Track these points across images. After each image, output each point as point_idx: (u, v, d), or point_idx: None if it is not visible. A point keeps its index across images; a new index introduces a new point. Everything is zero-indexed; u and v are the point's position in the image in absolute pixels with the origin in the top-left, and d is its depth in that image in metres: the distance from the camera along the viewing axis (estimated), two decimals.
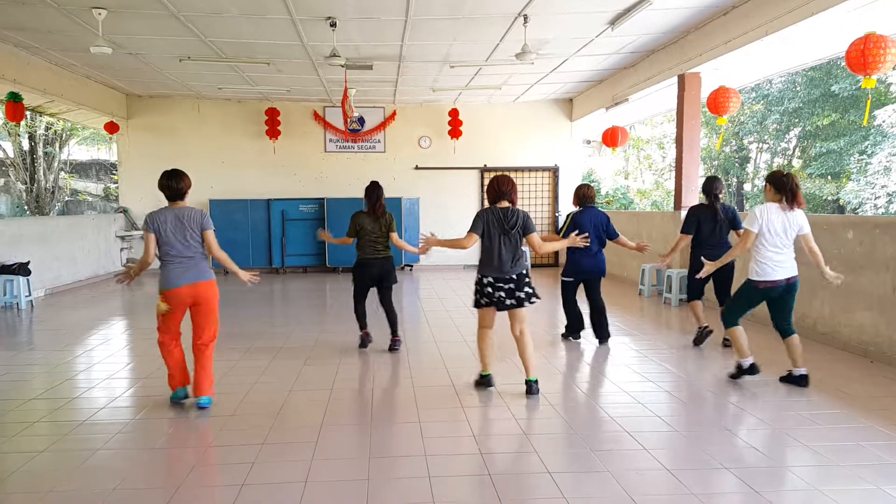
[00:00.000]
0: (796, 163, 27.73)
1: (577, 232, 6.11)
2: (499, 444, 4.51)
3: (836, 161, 24.27)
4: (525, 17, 8.81)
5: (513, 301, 5.41)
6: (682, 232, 7.23)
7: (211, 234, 5.20)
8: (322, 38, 9.73)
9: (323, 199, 15.09)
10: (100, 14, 8.35)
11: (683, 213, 10.45)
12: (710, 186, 7.16)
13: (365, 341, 7.36)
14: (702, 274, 6.15)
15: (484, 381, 5.73)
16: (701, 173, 11.21)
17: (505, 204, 5.47)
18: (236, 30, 9.42)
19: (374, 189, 7.06)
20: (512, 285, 5.39)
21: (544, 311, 9.39)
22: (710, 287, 7.34)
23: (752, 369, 5.75)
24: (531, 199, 16.35)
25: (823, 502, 3.56)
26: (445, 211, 15.66)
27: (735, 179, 29.51)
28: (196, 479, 3.93)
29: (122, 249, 15.00)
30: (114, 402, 5.46)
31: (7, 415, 5.17)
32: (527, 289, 5.43)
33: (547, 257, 16.26)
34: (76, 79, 12.67)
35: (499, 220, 5.38)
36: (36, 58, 11.12)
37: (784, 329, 5.71)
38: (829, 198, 24.78)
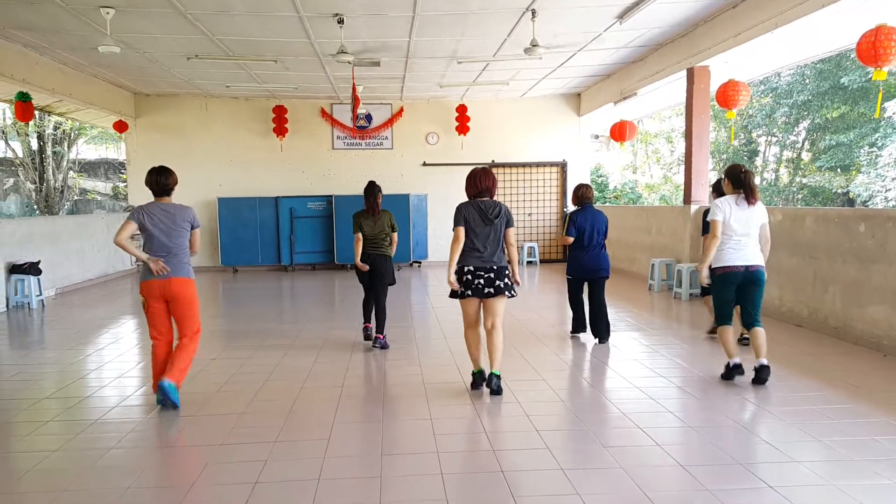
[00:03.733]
0: (805, 155, 27.57)
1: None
2: (511, 440, 4.50)
3: (846, 153, 24.09)
4: (533, 12, 8.78)
5: (491, 290, 5.38)
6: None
7: (198, 232, 5.39)
8: (330, 34, 9.72)
9: (331, 196, 15.11)
10: (108, 13, 8.37)
11: (694, 208, 10.45)
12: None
13: (367, 334, 7.44)
14: (704, 280, 5.84)
15: (476, 378, 5.61)
16: (710, 167, 11.15)
17: (486, 198, 5.51)
18: (244, 28, 9.43)
19: (371, 189, 7.15)
20: (492, 275, 5.38)
21: (555, 308, 9.37)
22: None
23: (736, 370, 5.69)
24: (539, 195, 16.33)
25: (838, 497, 3.54)
26: (453, 207, 15.59)
27: None
28: (209, 477, 3.93)
29: None
30: (126, 401, 5.49)
31: (20, 414, 5.21)
32: (507, 280, 5.43)
33: (558, 253, 16.26)
34: (84, 78, 12.71)
35: (480, 212, 5.42)
36: (44, 58, 11.16)
37: (748, 322, 5.69)
38: (839, 191, 24.61)
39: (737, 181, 5.64)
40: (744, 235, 5.58)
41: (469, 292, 5.41)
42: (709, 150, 10.80)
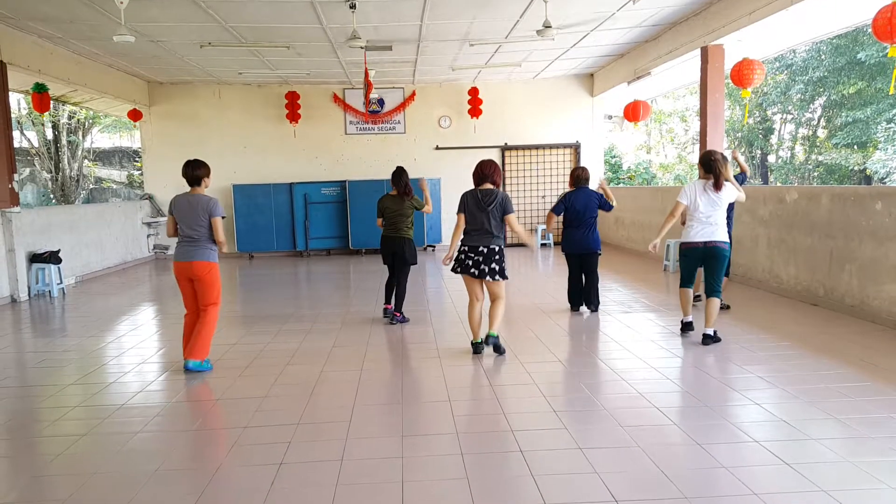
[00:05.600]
0: (821, 133, 27.30)
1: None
2: (529, 421, 4.55)
3: (863, 130, 23.80)
4: None
5: (475, 271, 5.95)
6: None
7: (217, 221, 5.77)
8: (342, 20, 9.73)
9: (345, 181, 15.16)
10: (122, 3, 8.37)
11: None
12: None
13: (386, 313, 7.77)
14: (652, 248, 6.73)
15: (474, 349, 6.19)
16: (725, 146, 11.09)
17: (487, 186, 6.01)
18: (257, 15, 9.46)
19: (400, 175, 7.53)
20: (480, 258, 5.94)
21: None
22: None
23: (687, 326, 6.59)
24: (552, 177, 16.29)
25: (855, 474, 3.58)
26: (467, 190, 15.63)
27: (759, 151, 29.13)
28: (235, 459, 4.02)
29: (148, 236, 15.21)
30: (149, 387, 5.58)
31: (46, 400, 5.32)
32: (494, 265, 5.94)
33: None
34: (99, 67, 12.80)
35: (476, 200, 5.97)
36: (59, 48, 11.25)
37: (708, 291, 6.38)
38: (856, 168, 24.35)
39: (707, 166, 6.27)
40: (709, 216, 6.23)
41: (459, 269, 6.05)
42: (724, 128, 10.74)
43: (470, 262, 5.96)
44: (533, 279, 7.68)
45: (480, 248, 5.94)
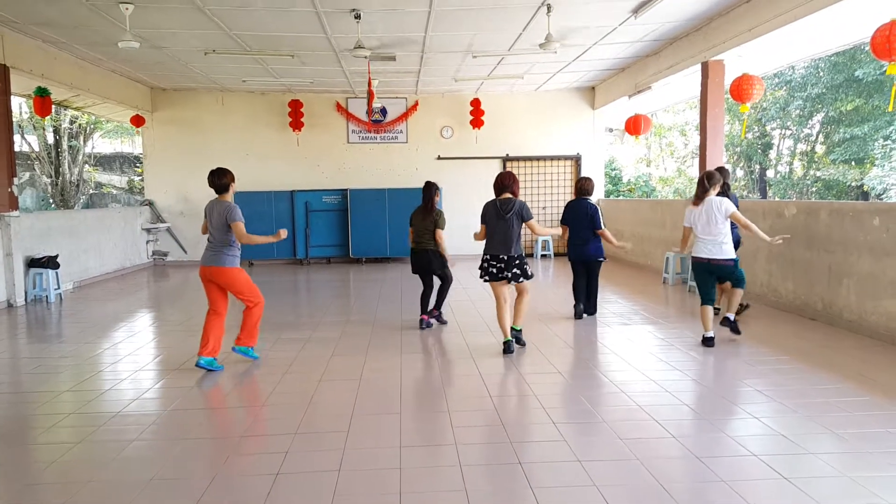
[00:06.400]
0: (819, 148, 27.37)
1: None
2: (528, 432, 4.55)
3: (861, 147, 23.89)
4: (548, 7, 8.79)
5: (502, 276, 6.53)
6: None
7: (237, 225, 6.06)
8: (346, 29, 9.78)
9: (346, 189, 15.17)
10: (127, 9, 8.45)
11: None
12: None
13: (423, 324, 7.96)
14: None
15: (505, 347, 6.62)
16: (724, 160, 11.14)
17: (506, 195, 6.57)
18: (261, 23, 9.50)
19: (427, 189, 7.89)
20: (502, 264, 6.51)
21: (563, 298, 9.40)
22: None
23: (708, 341, 6.75)
24: (553, 189, 16.34)
25: (853, 489, 3.58)
26: (468, 201, 15.58)
27: (758, 166, 29.21)
28: (231, 469, 4.02)
29: (148, 242, 15.20)
30: (145, 394, 5.56)
31: (41, 407, 5.29)
32: (515, 270, 6.49)
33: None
34: (102, 73, 12.83)
35: (496, 210, 6.55)
36: (63, 53, 11.29)
37: (733, 283, 7.04)
38: (854, 184, 24.42)
39: (703, 187, 6.79)
40: (707, 234, 6.68)
41: (488, 277, 6.60)
42: (723, 143, 10.78)
43: (495, 270, 6.53)
44: (533, 289, 7.79)
45: (501, 256, 6.50)
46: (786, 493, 3.54)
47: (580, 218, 8.08)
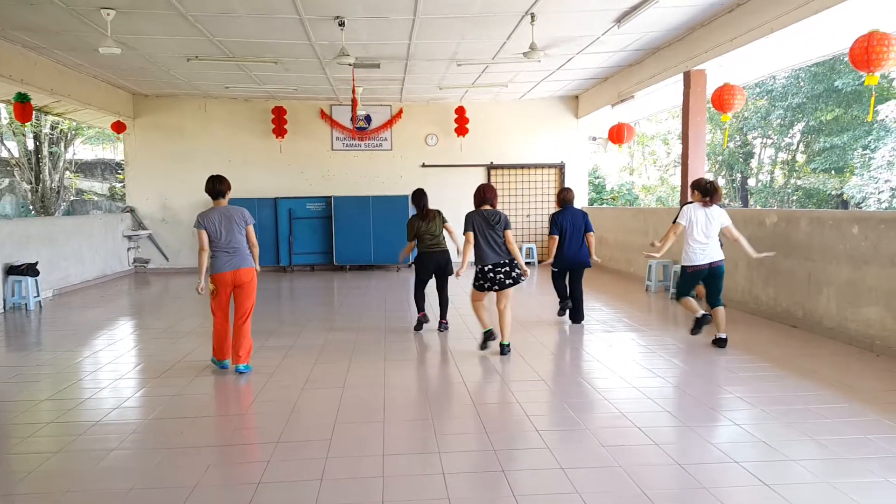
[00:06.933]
0: (800, 157, 27.69)
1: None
2: (511, 440, 4.55)
3: (840, 156, 24.23)
4: (532, 16, 8.85)
5: (510, 280, 6.73)
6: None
7: (252, 228, 6.34)
8: (330, 37, 9.78)
9: (330, 197, 15.14)
10: (108, 14, 8.40)
11: None
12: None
13: (422, 323, 8.19)
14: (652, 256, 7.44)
15: (486, 336, 6.93)
16: (706, 169, 11.24)
17: (487, 207, 6.78)
18: (245, 29, 9.47)
19: (419, 197, 8.17)
20: (507, 268, 6.72)
21: (551, 302, 9.43)
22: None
23: (704, 318, 6.98)
24: (537, 196, 16.40)
25: (832, 495, 3.61)
26: (453, 208, 15.44)
27: (739, 175, 29.50)
28: (212, 478, 3.98)
29: (129, 249, 15.07)
30: (126, 403, 5.51)
31: (20, 416, 5.21)
32: (517, 270, 6.75)
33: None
34: (83, 79, 12.73)
35: (485, 220, 6.70)
36: (43, 58, 11.19)
37: (712, 303, 7.07)
38: (833, 192, 24.74)
39: (704, 191, 6.91)
40: (706, 237, 6.81)
41: (496, 287, 6.73)
42: (705, 152, 10.88)
43: (503, 276, 6.71)
44: (515, 297, 7.82)
45: (503, 262, 6.70)
46: (766, 499, 3.57)
47: (578, 225, 8.34)
